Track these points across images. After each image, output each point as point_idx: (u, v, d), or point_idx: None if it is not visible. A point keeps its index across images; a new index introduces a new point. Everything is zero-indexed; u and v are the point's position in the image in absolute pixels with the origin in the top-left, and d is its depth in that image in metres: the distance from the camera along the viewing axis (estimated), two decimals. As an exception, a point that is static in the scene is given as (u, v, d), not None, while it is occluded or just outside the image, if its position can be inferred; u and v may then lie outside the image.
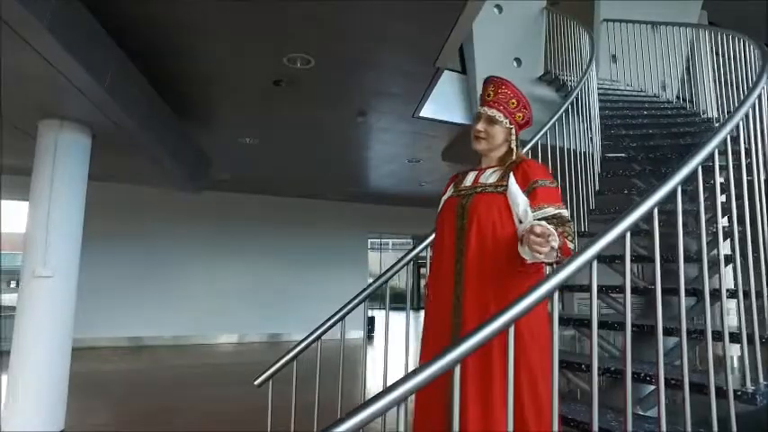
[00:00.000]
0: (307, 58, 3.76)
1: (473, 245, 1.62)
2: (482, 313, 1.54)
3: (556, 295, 1.20)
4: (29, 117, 3.81)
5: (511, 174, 1.71)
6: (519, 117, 1.82)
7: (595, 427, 1.23)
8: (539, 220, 1.57)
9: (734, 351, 1.87)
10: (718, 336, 1.69)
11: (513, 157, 1.80)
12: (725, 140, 1.71)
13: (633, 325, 2.22)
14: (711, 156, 1.64)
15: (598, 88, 4.00)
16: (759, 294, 1.79)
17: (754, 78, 3.51)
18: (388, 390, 1.03)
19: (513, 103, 1.80)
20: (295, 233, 9.67)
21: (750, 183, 1.88)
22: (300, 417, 2.21)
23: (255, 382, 2.09)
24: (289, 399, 2.17)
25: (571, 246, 1.55)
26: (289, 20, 3.25)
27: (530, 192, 1.65)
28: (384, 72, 4.16)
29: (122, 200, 7.92)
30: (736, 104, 3.73)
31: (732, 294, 1.81)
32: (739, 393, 1.60)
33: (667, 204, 1.51)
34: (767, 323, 1.83)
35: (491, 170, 1.81)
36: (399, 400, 1.03)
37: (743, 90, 3.71)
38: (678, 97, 5.13)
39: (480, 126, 1.81)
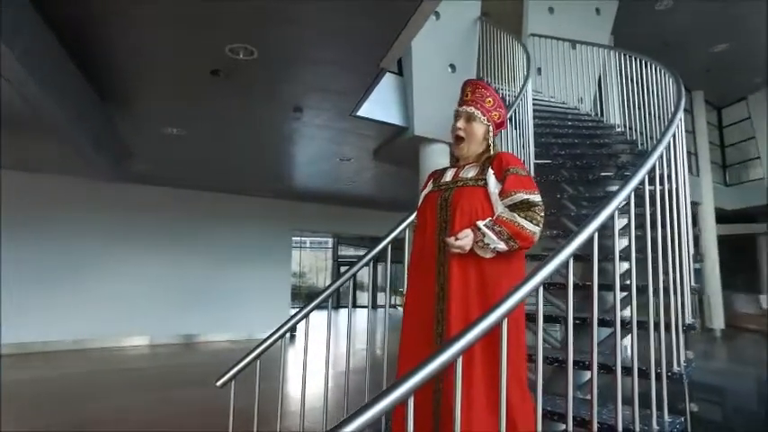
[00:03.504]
0: (250, 49, 3.64)
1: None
2: (466, 302, 1.64)
3: (541, 290, 1.29)
4: None
5: (489, 167, 1.80)
6: (495, 116, 1.92)
7: (570, 420, 1.34)
8: (508, 206, 1.72)
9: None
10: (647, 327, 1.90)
11: (491, 152, 1.90)
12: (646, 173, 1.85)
13: (578, 318, 2.42)
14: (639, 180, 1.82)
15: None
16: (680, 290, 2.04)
17: (657, 96, 3.99)
18: (396, 384, 1.05)
19: (489, 102, 1.90)
20: (216, 230, 9.30)
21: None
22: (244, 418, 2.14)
23: (218, 384, 1.99)
24: (225, 402, 2.08)
25: (534, 229, 1.66)
26: (237, 8, 3.14)
27: (503, 180, 1.75)
28: (327, 68, 4.14)
29: (17, 189, 7.09)
30: (638, 120, 4.25)
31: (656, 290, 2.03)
32: (670, 374, 1.82)
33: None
34: (686, 313, 2.10)
35: (470, 166, 1.89)
36: (408, 395, 1.06)
37: (650, 110, 4.17)
38: (595, 113, 5.63)
39: (460, 124, 1.89)
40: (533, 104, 4.28)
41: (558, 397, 2.14)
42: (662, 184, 1.92)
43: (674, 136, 2.10)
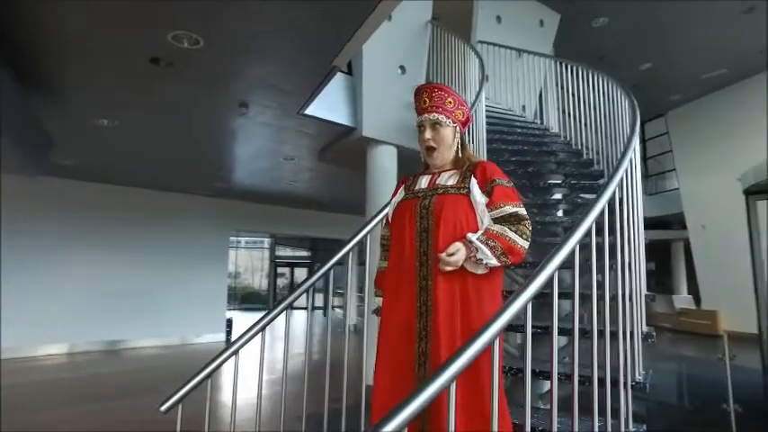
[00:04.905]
0: (195, 38, 3.41)
1: (441, 246, 1.60)
2: (452, 319, 1.56)
3: (529, 306, 1.25)
4: None
5: (472, 176, 1.71)
6: (459, 114, 1.82)
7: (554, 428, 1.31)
8: (495, 219, 1.64)
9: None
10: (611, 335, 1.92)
11: (461, 155, 1.82)
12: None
13: (535, 327, 2.43)
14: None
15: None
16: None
17: (597, 106, 4.16)
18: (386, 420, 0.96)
19: (450, 103, 1.79)
20: (148, 228, 8.74)
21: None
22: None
23: (162, 408, 1.77)
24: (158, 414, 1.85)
25: (524, 244, 1.60)
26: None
27: (488, 191, 1.67)
28: (276, 64, 3.96)
29: None
30: (583, 131, 4.43)
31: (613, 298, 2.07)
32: (633, 384, 1.85)
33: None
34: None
35: (447, 173, 1.79)
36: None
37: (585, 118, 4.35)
38: (541, 121, 5.81)
39: (428, 134, 1.78)
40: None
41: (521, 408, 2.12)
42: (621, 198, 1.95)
43: (633, 151, 2.15)
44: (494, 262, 1.55)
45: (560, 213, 3.64)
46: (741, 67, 9.17)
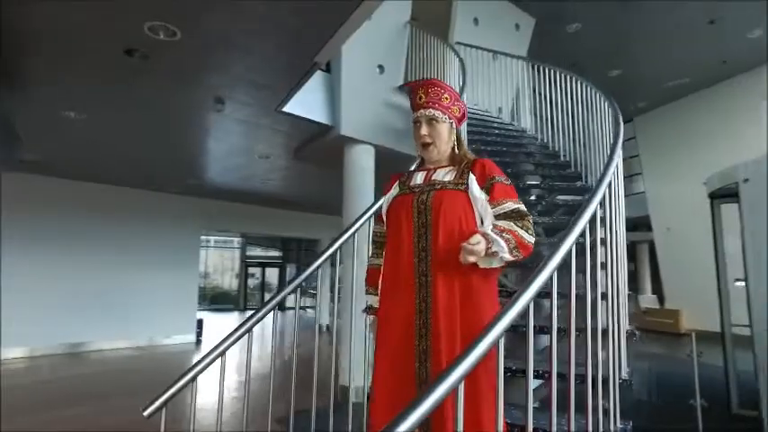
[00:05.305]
0: (173, 30, 3.29)
1: (441, 241, 1.58)
2: (452, 316, 1.54)
3: (531, 305, 1.25)
4: None
5: (470, 172, 1.69)
6: (455, 110, 1.80)
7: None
8: (497, 215, 1.62)
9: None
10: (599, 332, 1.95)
11: (458, 151, 1.80)
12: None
13: (520, 326, 2.44)
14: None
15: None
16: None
17: (575, 109, 4.25)
18: (407, 411, 0.94)
19: (446, 99, 1.78)
20: (115, 227, 8.45)
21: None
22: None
23: (145, 413, 1.69)
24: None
25: (531, 239, 1.58)
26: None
27: (488, 188, 1.65)
28: (255, 59, 3.88)
29: None
30: (554, 132, 4.50)
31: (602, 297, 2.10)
32: (620, 382, 1.88)
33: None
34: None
35: (444, 170, 1.77)
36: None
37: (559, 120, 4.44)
38: (517, 123, 5.89)
39: (424, 130, 1.76)
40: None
41: (512, 407, 2.13)
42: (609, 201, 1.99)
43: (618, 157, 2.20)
44: (507, 256, 1.52)
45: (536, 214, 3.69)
46: (703, 76, 9.54)
